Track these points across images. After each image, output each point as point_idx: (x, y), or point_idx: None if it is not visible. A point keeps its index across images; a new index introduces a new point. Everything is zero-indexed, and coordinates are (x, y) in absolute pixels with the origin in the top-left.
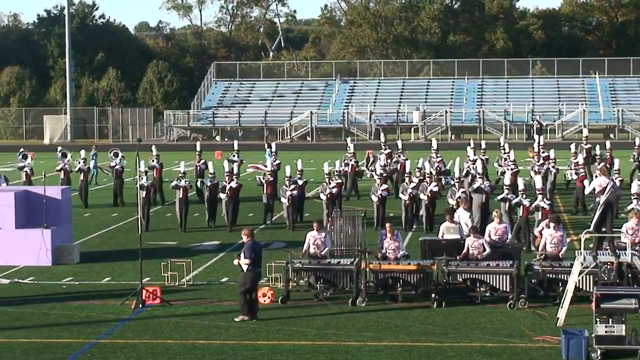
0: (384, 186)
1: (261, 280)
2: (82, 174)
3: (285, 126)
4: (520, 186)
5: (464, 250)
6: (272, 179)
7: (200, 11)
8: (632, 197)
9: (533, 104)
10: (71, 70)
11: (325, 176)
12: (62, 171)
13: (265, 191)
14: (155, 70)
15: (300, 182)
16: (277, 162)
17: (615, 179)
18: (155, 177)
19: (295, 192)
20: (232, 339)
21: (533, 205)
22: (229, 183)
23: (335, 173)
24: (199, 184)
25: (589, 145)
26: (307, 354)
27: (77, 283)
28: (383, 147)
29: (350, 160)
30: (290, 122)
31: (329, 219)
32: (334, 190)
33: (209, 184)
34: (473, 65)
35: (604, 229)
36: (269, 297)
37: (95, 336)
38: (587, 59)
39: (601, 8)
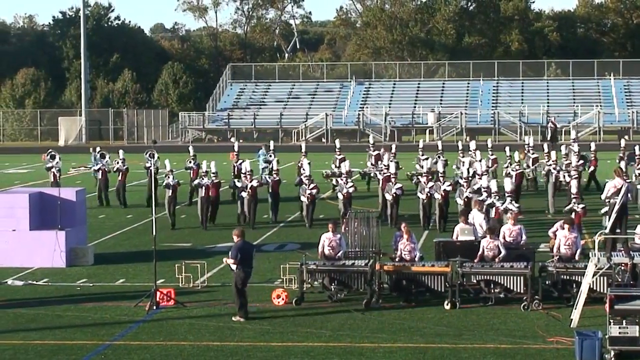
0: (398, 185)
1: (276, 281)
2: (120, 173)
3: (301, 128)
4: (494, 188)
5: (480, 252)
6: (277, 178)
7: (216, 13)
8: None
9: (548, 106)
10: (86, 71)
11: (344, 176)
12: (100, 171)
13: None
14: (170, 72)
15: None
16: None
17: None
18: (192, 177)
19: (314, 190)
20: (246, 341)
21: (502, 208)
22: (250, 182)
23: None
24: (237, 183)
25: (577, 148)
26: (321, 355)
27: (91, 285)
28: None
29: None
30: (305, 124)
31: (344, 220)
32: (351, 190)
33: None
34: (488, 67)
35: (618, 230)
36: (283, 299)
37: (109, 338)
38: (602, 61)
39: (616, 10)
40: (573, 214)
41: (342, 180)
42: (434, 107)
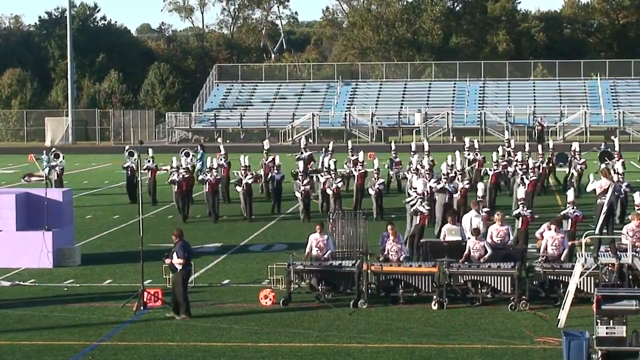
0: (381, 180)
1: (263, 282)
2: (150, 172)
3: (287, 128)
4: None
5: (466, 252)
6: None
7: (202, 13)
8: (637, 208)
9: (534, 106)
10: (73, 72)
11: (374, 172)
12: (129, 169)
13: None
14: (157, 72)
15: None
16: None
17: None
18: (223, 176)
19: (308, 187)
20: (233, 341)
21: (411, 210)
22: (244, 177)
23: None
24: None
25: (510, 149)
26: (309, 355)
27: (78, 285)
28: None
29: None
30: (292, 124)
31: (330, 220)
32: (381, 187)
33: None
34: (475, 67)
35: (604, 231)
36: (270, 299)
37: (96, 338)
38: (588, 61)
39: (602, 10)
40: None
41: (373, 176)
42: (421, 107)
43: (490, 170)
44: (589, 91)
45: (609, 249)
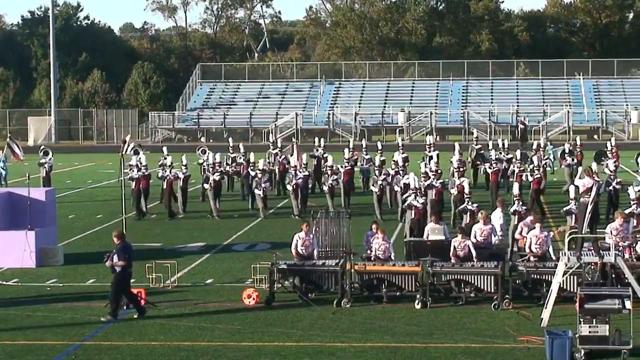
0: (383, 177)
1: (246, 281)
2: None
3: (271, 127)
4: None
5: (451, 252)
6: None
7: (185, 12)
8: (632, 203)
9: (517, 105)
10: (55, 71)
11: (376, 169)
12: (214, 165)
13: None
14: (140, 72)
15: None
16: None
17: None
18: (242, 172)
19: (301, 180)
20: (216, 341)
21: (406, 204)
22: (212, 174)
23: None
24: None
25: (479, 146)
26: (292, 355)
27: (61, 285)
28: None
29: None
30: (275, 124)
31: (314, 221)
32: (384, 183)
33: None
34: (458, 67)
35: (588, 230)
36: (254, 299)
37: (79, 338)
38: (571, 60)
39: (585, 10)
40: (573, 216)
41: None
42: (404, 106)
43: (490, 169)
44: (572, 90)
45: (592, 247)
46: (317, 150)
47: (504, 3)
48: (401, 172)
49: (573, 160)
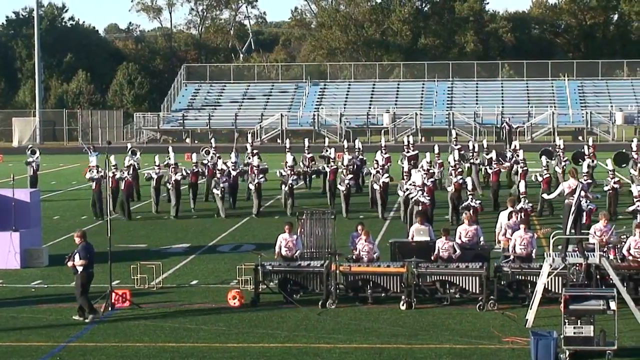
0: (386, 175)
1: (231, 282)
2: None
3: (256, 128)
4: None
5: (435, 252)
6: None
7: (170, 13)
8: (635, 200)
9: (502, 107)
10: (40, 72)
11: (343, 168)
12: (131, 167)
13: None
14: (125, 73)
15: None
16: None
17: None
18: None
19: (293, 177)
20: (201, 342)
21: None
22: (174, 174)
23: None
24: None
25: (459, 146)
26: (277, 356)
27: (46, 286)
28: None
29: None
30: (260, 125)
31: (299, 222)
32: (387, 180)
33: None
34: (443, 68)
35: (572, 231)
36: (238, 300)
37: (64, 339)
38: (556, 62)
39: (570, 11)
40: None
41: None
42: (389, 107)
43: (491, 169)
44: (557, 92)
45: (576, 249)
46: (327, 150)
47: (488, 4)
48: (380, 171)
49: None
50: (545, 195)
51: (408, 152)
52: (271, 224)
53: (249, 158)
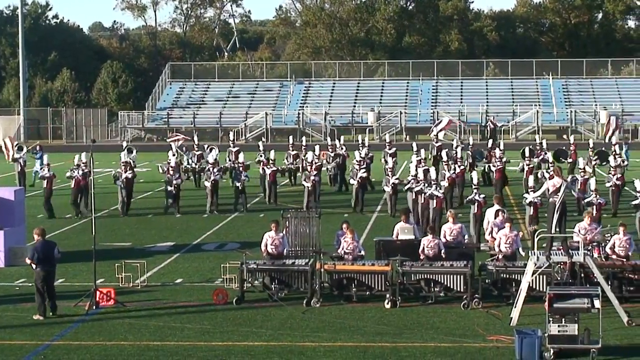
0: (315, 172)
1: (216, 281)
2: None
3: (240, 127)
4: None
5: (420, 250)
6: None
7: (155, 12)
8: (637, 194)
9: (487, 105)
10: (24, 70)
11: (355, 162)
12: (126, 164)
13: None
14: (109, 71)
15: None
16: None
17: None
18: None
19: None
20: (186, 340)
21: (427, 195)
22: (124, 172)
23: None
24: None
25: (439, 144)
26: (262, 354)
27: (30, 285)
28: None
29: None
30: (245, 123)
31: (284, 220)
32: (364, 175)
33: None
34: (427, 67)
35: (557, 229)
36: (223, 298)
37: (48, 338)
38: (540, 60)
39: (554, 10)
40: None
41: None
42: (374, 106)
43: (494, 166)
44: (541, 90)
45: (560, 247)
46: (342, 148)
47: (473, 3)
48: (357, 167)
49: (533, 160)
50: (528, 195)
51: (390, 149)
52: (256, 223)
53: (231, 156)
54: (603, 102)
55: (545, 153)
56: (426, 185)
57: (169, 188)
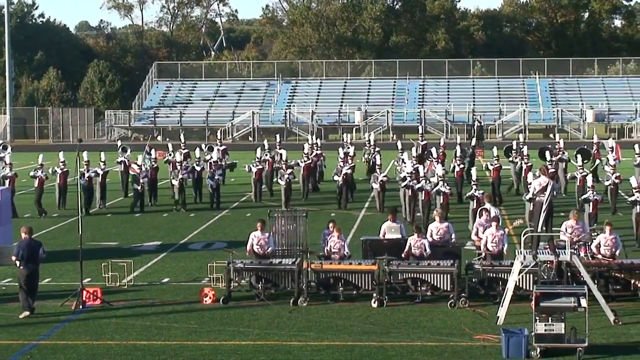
0: (289, 170)
1: (203, 280)
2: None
3: (227, 126)
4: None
5: (406, 250)
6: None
7: (142, 11)
8: (635, 190)
9: (474, 104)
10: (11, 69)
11: (283, 163)
12: (122, 164)
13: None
14: (96, 70)
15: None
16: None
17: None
18: (267, 170)
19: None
20: (173, 340)
21: (434, 190)
22: (87, 171)
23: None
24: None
25: (425, 142)
26: (249, 354)
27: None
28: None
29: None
30: (232, 122)
31: (271, 219)
32: (349, 172)
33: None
34: (414, 66)
35: (544, 228)
36: (210, 298)
37: (35, 337)
38: (527, 60)
39: (541, 9)
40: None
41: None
42: (361, 105)
43: (491, 165)
44: (528, 89)
45: (547, 246)
46: (349, 147)
47: (460, 2)
48: (341, 164)
49: (516, 158)
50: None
51: (376, 148)
52: (242, 222)
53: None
54: (589, 101)
55: (564, 152)
56: (428, 181)
57: (136, 187)
